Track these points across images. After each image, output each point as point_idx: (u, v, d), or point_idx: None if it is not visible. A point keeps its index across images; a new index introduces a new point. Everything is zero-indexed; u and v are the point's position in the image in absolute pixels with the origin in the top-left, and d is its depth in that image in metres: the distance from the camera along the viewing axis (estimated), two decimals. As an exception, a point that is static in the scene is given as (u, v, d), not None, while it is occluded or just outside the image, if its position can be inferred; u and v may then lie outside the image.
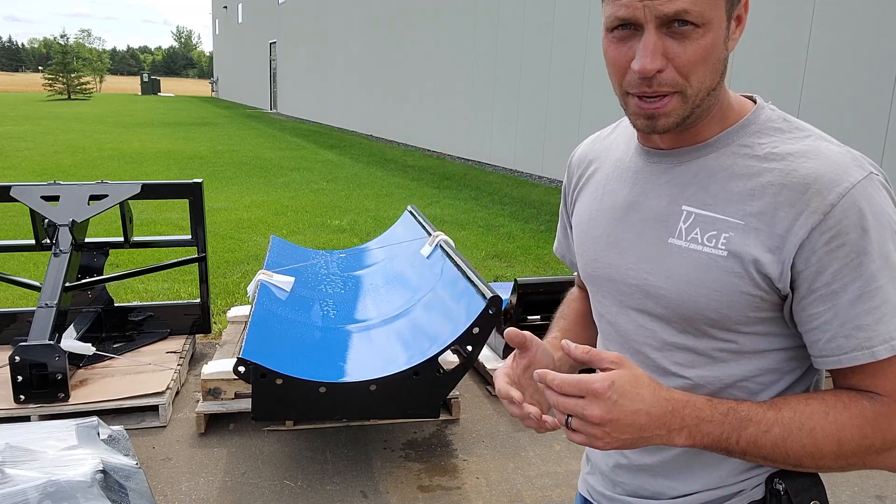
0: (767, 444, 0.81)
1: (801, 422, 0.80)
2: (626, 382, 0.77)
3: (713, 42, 0.80)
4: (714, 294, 0.85)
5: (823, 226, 0.78)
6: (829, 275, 0.79)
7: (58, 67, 38.65)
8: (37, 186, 3.60)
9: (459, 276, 3.11)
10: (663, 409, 0.79)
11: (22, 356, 2.98)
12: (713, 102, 0.86)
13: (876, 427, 0.80)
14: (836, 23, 6.08)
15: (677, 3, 0.77)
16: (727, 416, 0.81)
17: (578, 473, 2.89)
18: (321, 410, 2.66)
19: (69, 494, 1.91)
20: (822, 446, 0.80)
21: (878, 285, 0.78)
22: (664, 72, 0.80)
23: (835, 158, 0.81)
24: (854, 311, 0.79)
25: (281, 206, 8.45)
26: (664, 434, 0.79)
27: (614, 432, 0.77)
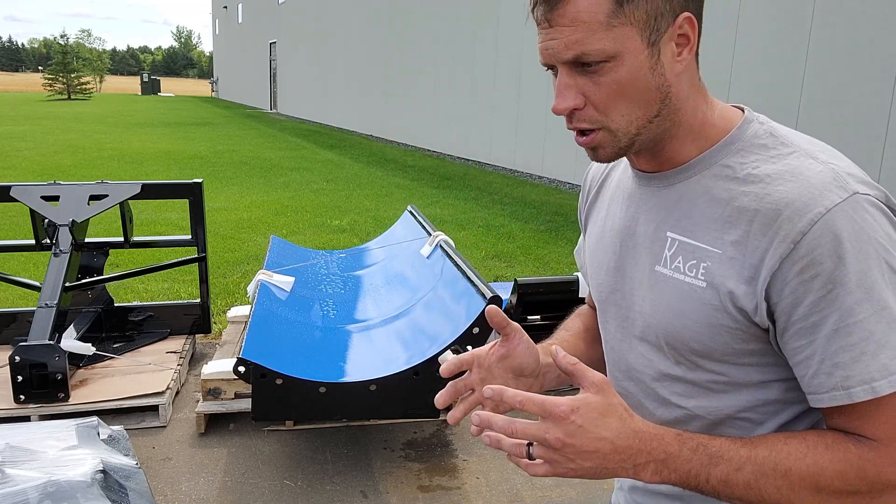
0: (739, 483, 0.75)
1: (775, 462, 0.75)
2: (593, 409, 0.73)
3: (630, 73, 0.77)
4: (696, 326, 0.82)
5: (794, 255, 0.73)
6: (806, 307, 0.74)
7: (58, 67, 38.65)
8: (37, 186, 3.61)
9: (459, 276, 3.11)
10: (629, 442, 0.74)
11: (22, 356, 2.98)
12: (667, 126, 0.82)
13: (860, 474, 0.74)
14: (836, 23, 6.08)
15: (574, 49, 0.76)
16: (696, 452, 0.76)
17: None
18: (321, 410, 2.66)
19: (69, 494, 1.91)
20: (799, 489, 0.75)
21: (856, 319, 0.72)
22: (583, 109, 0.80)
23: (813, 179, 0.75)
24: (832, 347, 0.74)
25: (281, 206, 8.45)
26: (630, 468, 0.75)
27: (578, 458, 0.73)
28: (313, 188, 9.83)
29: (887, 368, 0.72)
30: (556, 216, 8.24)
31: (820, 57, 6.25)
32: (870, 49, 5.78)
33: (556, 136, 10.43)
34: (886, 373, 0.72)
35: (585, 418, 0.73)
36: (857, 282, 0.72)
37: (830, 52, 6.14)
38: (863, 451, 0.74)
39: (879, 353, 0.72)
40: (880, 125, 5.72)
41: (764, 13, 6.88)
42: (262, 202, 8.65)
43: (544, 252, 6.49)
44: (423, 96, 14.84)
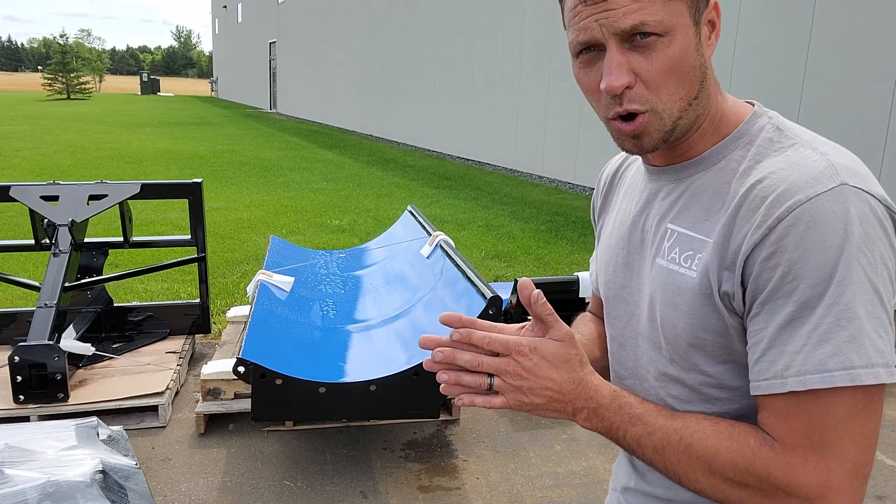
0: (649, 446, 0.80)
1: (681, 436, 0.78)
2: (550, 353, 0.79)
3: (682, 50, 0.76)
4: (689, 318, 0.82)
5: (766, 241, 0.73)
6: (766, 294, 0.73)
7: (57, 67, 38.64)
8: (36, 186, 3.60)
9: (459, 276, 3.11)
10: (571, 387, 0.80)
11: (21, 356, 2.97)
12: (700, 113, 0.81)
13: (750, 469, 0.74)
14: (836, 23, 6.08)
15: (633, 17, 0.74)
16: (621, 410, 0.81)
17: (578, 474, 2.90)
18: (321, 411, 2.65)
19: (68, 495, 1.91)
20: (694, 467, 0.77)
21: (810, 313, 0.71)
22: (634, 88, 0.77)
23: (804, 168, 0.74)
24: (781, 336, 0.73)
25: (281, 206, 8.45)
26: (570, 410, 0.81)
27: (530, 394, 0.79)
28: (313, 188, 9.83)
29: (823, 365, 0.70)
30: (556, 216, 8.24)
31: (820, 57, 6.25)
32: (870, 49, 5.78)
33: (556, 136, 10.43)
34: (821, 368, 0.70)
35: (542, 358, 0.79)
36: (820, 276, 0.70)
37: (830, 52, 6.14)
38: (762, 448, 0.74)
39: (819, 347, 0.70)
40: (880, 125, 5.72)
41: (764, 13, 6.88)
42: (262, 202, 8.64)
43: (544, 252, 6.49)
44: (423, 96, 14.84)
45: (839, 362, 0.70)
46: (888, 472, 2.93)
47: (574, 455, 3.02)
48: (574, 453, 3.03)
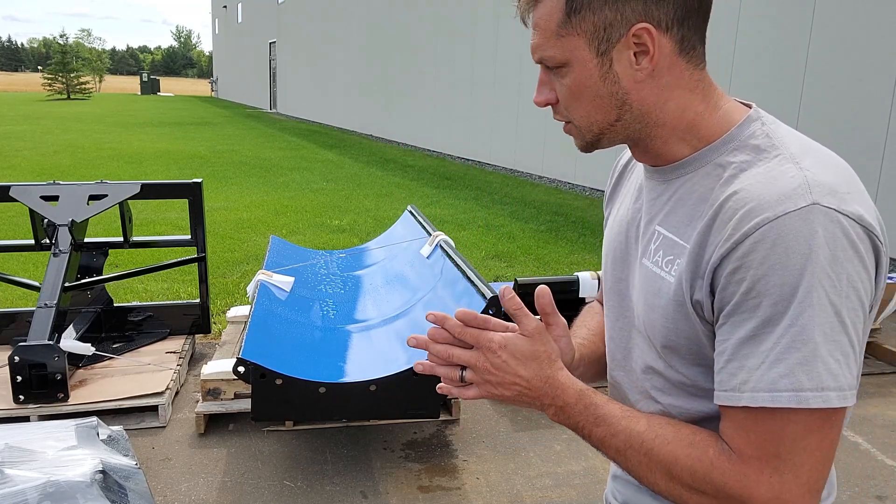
0: (611, 447, 0.83)
1: (643, 440, 0.80)
2: (518, 349, 0.84)
3: (577, 81, 0.83)
4: (664, 321, 0.84)
5: (733, 255, 0.74)
6: (731, 307, 0.75)
7: (57, 67, 38.65)
8: (36, 186, 3.60)
9: (459, 276, 3.11)
10: (539, 384, 0.84)
11: (21, 356, 2.97)
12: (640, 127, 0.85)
13: (707, 478, 0.76)
14: (836, 23, 6.08)
15: (538, 52, 0.84)
16: (586, 410, 0.84)
17: (578, 474, 2.90)
18: (321, 410, 2.65)
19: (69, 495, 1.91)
20: (654, 471, 0.79)
21: (770, 331, 0.72)
22: (556, 104, 0.88)
23: (779, 184, 0.74)
24: (742, 350, 0.74)
25: (281, 206, 8.45)
26: (538, 405, 0.86)
27: (500, 387, 0.85)
28: (313, 188, 9.83)
29: (774, 385, 0.71)
30: (556, 216, 8.24)
31: (820, 57, 6.25)
32: (870, 49, 5.78)
33: (556, 136, 10.43)
34: (772, 388, 0.72)
35: (510, 355, 0.84)
36: (780, 295, 0.71)
37: (830, 52, 6.14)
38: (720, 459, 0.76)
39: (774, 367, 0.72)
40: (880, 125, 5.72)
41: (764, 13, 6.88)
42: (262, 202, 8.64)
43: (544, 252, 6.49)
44: (423, 96, 14.84)
45: (789, 384, 0.71)
46: (888, 471, 2.93)
47: (574, 455, 3.02)
48: (574, 453, 3.03)
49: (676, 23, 0.80)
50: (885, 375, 3.91)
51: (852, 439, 3.19)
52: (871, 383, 3.80)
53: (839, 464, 2.98)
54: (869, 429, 3.29)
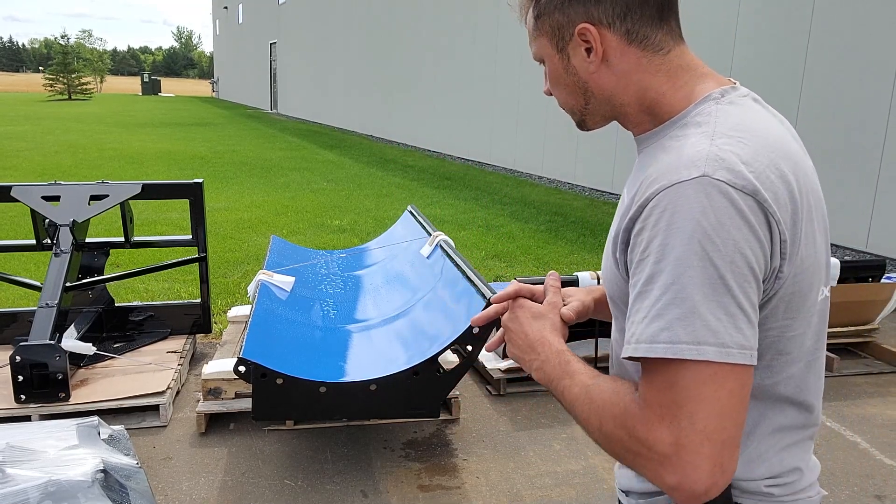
0: (568, 398, 0.91)
1: (589, 390, 0.88)
2: (529, 310, 1.03)
3: (552, 73, 0.99)
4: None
5: (638, 218, 0.83)
6: (633, 266, 0.84)
7: (58, 68, 38.66)
8: (37, 186, 3.61)
9: (459, 275, 3.11)
10: (534, 344, 0.99)
11: (23, 356, 2.98)
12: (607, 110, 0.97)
13: (622, 421, 0.82)
14: (835, 23, 6.08)
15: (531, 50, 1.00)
16: (560, 365, 0.94)
17: (577, 473, 2.91)
18: (321, 410, 2.66)
19: (70, 494, 1.92)
20: (592, 417, 0.86)
21: (652, 287, 0.79)
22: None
23: (684, 156, 0.82)
24: (635, 305, 0.82)
25: (281, 206, 8.46)
26: (529, 360, 0.99)
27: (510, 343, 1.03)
28: (313, 188, 9.84)
29: (654, 337, 0.78)
30: (556, 216, 8.24)
31: (820, 57, 6.25)
32: (870, 49, 5.78)
33: (556, 137, 10.43)
34: (652, 340, 0.78)
35: (522, 313, 1.04)
36: (664, 254, 0.78)
37: (830, 52, 6.14)
38: (632, 405, 0.82)
39: (654, 321, 0.78)
40: (880, 125, 5.72)
41: (763, 13, 6.88)
42: (263, 202, 8.65)
43: (544, 252, 6.49)
44: (423, 96, 14.84)
45: (667, 337, 0.77)
46: (887, 471, 2.94)
47: (573, 454, 3.02)
48: (573, 452, 3.04)
49: (618, 19, 0.91)
50: (885, 375, 3.91)
51: (851, 439, 3.20)
52: (871, 383, 3.81)
53: (838, 462, 2.99)
54: (868, 428, 3.29)
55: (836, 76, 6.09)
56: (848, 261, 4.08)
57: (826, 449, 3.10)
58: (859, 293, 3.98)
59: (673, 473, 0.77)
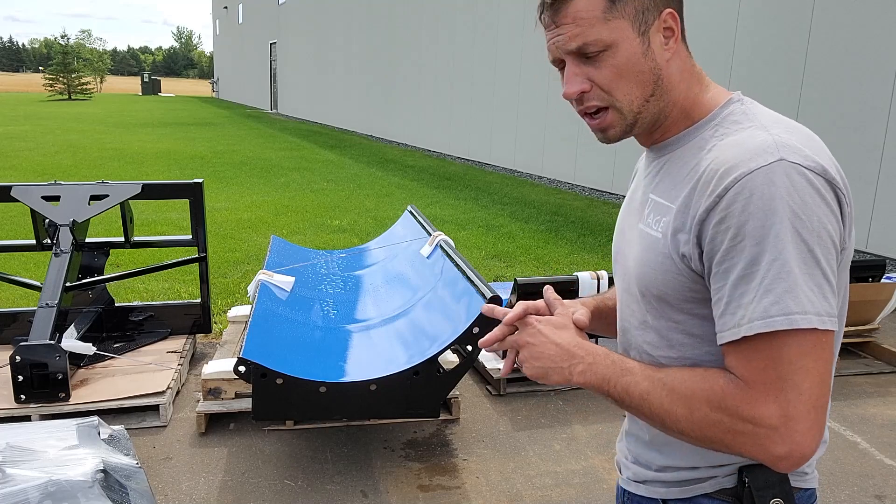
0: (636, 393, 0.91)
1: (665, 382, 0.89)
2: (552, 321, 1.00)
3: (626, 59, 0.92)
4: (654, 273, 0.95)
5: (717, 208, 0.85)
6: (721, 254, 0.85)
7: (58, 68, 38.65)
8: (37, 186, 3.61)
9: (459, 275, 3.11)
10: (572, 349, 0.96)
11: (23, 356, 2.98)
12: (663, 106, 0.96)
13: (721, 404, 0.85)
14: (835, 23, 6.08)
15: (576, 41, 0.92)
16: (614, 364, 0.93)
17: (577, 473, 2.91)
18: (321, 410, 2.66)
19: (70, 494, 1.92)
20: (676, 406, 0.88)
21: (756, 269, 0.82)
22: (590, 92, 0.95)
23: (752, 146, 0.86)
24: (737, 291, 0.84)
25: (281, 206, 8.46)
26: (567, 367, 0.96)
27: (534, 358, 0.98)
28: (313, 188, 9.84)
29: (766, 312, 0.82)
30: (556, 216, 8.24)
31: (820, 57, 6.25)
32: (870, 49, 5.78)
33: (556, 137, 10.43)
34: (765, 315, 0.82)
35: (543, 327, 0.99)
36: (762, 235, 0.82)
37: (830, 52, 6.14)
38: (730, 386, 0.85)
39: (764, 298, 0.82)
40: (880, 125, 5.72)
41: (763, 13, 6.88)
42: (263, 202, 8.65)
43: (544, 252, 6.49)
44: (423, 96, 14.84)
45: (780, 309, 0.81)
46: (887, 471, 2.94)
47: (573, 454, 3.02)
48: (573, 452, 3.04)
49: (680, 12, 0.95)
50: (885, 375, 3.91)
51: (851, 439, 3.20)
52: (871, 383, 3.81)
53: (838, 462, 2.99)
54: (868, 428, 3.29)
55: (836, 76, 6.09)
56: (848, 261, 4.07)
57: (826, 449, 3.10)
58: (859, 293, 3.98)
59: (782, 444, 0.82)
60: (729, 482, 0.97)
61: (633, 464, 1.10)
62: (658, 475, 1.04)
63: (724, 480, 0.97)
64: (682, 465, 1.00)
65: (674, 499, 1.02)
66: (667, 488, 1.02)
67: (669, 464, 1.02)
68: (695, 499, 0.99)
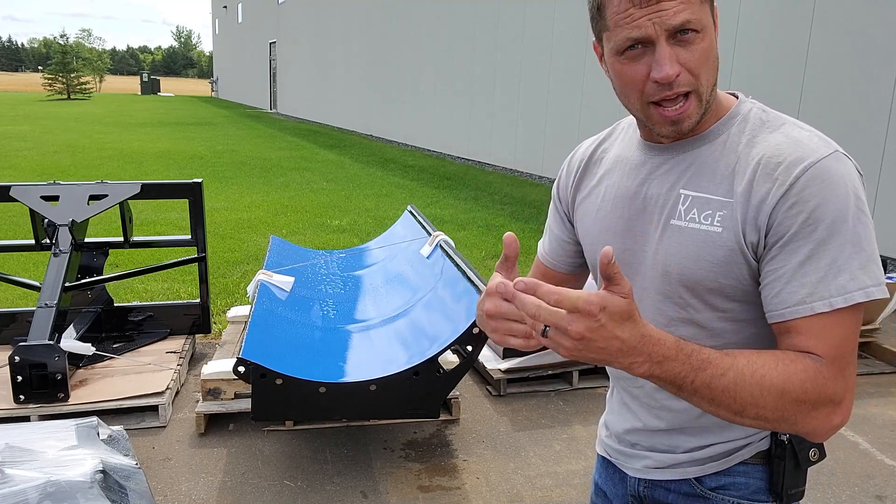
0: (719, 387, 0.85)
1: (752, 370, 0.86)
2: (617, 310, 0.79)
3: (711, 43, 0.93)
4: (713, 266, 0.95)
5: (788, 194, 0.88)
6: (788, 237, 0.89)
7: (57, 67, 38.62)
8: (36, 186, 3.60)
9: (459, 276, 3.11)
10: (636, 343, 0.81)
11: (22, 356, 2.98)
12: (714, 97, 0.97)
13: (815, 383, 0.86)
14: (836, 23, 6.08)
15: (682, 15, 0.88)
16: (689, 358, 0.85)
17: (577, 473, 2.90)
18: (321, 410, 2.66)
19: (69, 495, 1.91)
20: (767, 394, 0.86)
21: (827, 249, 0.86)
22: (680, 76, 0.91)
23: (804, 141, 0.92)
24: (802, 270, 0.88)
25: (281, 206, 8.45)
26: (626, 362, 0.82)
27: (586, 350, 0.79)
28: (313, 188, 9.83)
29: (844, 288, 0.86)
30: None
31: (820, 57, 6.25)
32: (870, 49, 5.78)
33: (556, 136, 10.43)
34: (843, 291, 0.86)
35: (609, 318, 0.78)
36: (833, 218, 0.86)
37: (830, 52, 6.14)
38: (815, 365, 0.87)
39: (839, 275, 0.86)
40: (880, 125, 5.72)
41: (764, 13, 6.88)
42: (262, 202, 8.65)
43: (544, 252, 6.48)
44: (423, 96, 14.84)
45: (856, 285, 0.86)
46: (888, 471, 2.93)
47: (574, 455, 3.02)
48: (574, 453, 3.03)
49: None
50: (885, 375, 3.91)
51: (852, 439, 3.19)
52: (871, 383, 3.81)
53: (839, 462, 2.98)
54: (869, 429, 3.29)
55: (836, 76, 6.09)
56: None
57: (827, 449, 3.10)
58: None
59: (839, 416, 0.88)
60: (764, 444, 1.01)
61: (650, 451, 1.10)
62: (689, 456, 1.05)
63: (759, 444, 1.01)
64: (717, 441, 1.03)
65: (710, 473, 1.04)
66: (700, 466, 1.04)
67: (701, 443, 1.04)
68: (732, 468, 1.02)
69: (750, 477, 1.02)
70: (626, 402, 1.14)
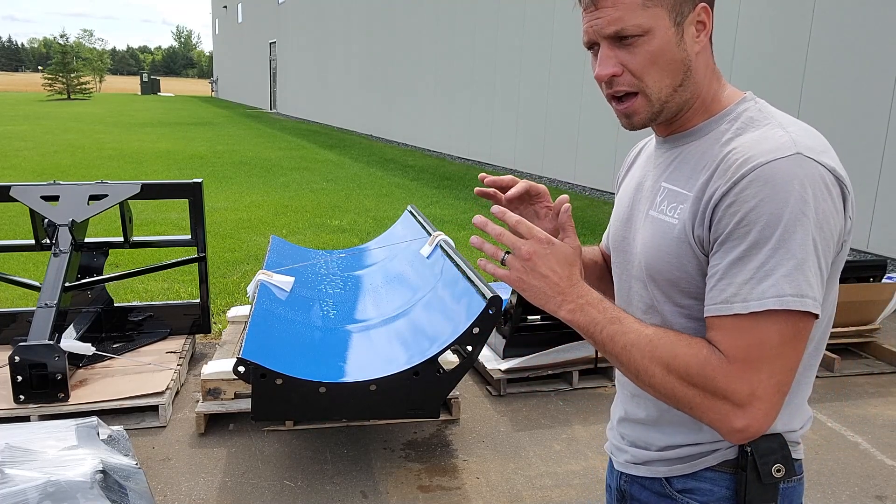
0: (619, 343, 0.94)
1: (650, 339, 0.92)
2: (560, 251, 0.98)
3: (660, 47, 0.94)
4: (668, 258, 0.98)
5: (730, 192, 0.89)
6: (724, 235, 0.90)
7: (57, 67, 38.63)
8: (36, 186, 3.60)
9: (459, 275, 3.11)
10: (564, 284, 0.97)
11: (22, 356, 2.98)
12: (688, 97, 0.99)
13: (700, 371, 0.89)
14: (836, 23, 6.08)
15: (614, 25, 0.94)
16: (606, 310, 0.96)
17: (577, 474, 2.90)
18: (321, 410, 2.65)
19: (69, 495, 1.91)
20: (655, 364, 0.91)
21: (758, 252, 0.86)
22: (620, 76, 0.97)
23: (771, 141, 0.90)
24: (732, 269, 0.88)
25: (281, 205, 8.45)
26: (557, 300, 0.97)
27: (530, 276, 0.97)
28: (313, 188, 9.83)
29: (764, 293, 0.86)
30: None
31: (820, 57, 6.25)
32: (870, 49, 5.77)
33: (556, 137, 10.43)
34: (762, 296, 0.86)
35: (552, 252, 0.98)
36: (768, 221, 0.86)
37: (830, 52, 6.14)
38: (711, 357, 0.89)
39: (764, 280, 0.86)
40: (880, 125, 5.72)
41: (764, 13, 6.88)
42: (262, 202, 8.64)
43: (544, 252, 6.48)
44: (423, 96, 14.84)
45: (775, 292, 0.86)
46: (888, 471, 2.93)
47: (573, 455, 3.02)
48: (574, 453, 3.03)
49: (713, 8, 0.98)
50: (885, 375, 3.91)
51: (852, 439, 3.19)
52: (871, 383, 3.80)
53: (839, 463, 2.98)
54: (869, 429, 3.29)
55: (836, 77, 6.09)
56: (849, 261, 4.07)
57: (827, 449, 3.10)
58: (860, 293, 3.98)
59: (742, 419, 0.88)
60: (731, 453, 1.00)
61: (631, 447, 1.13)
62: (660, 454, 1.06)
63: (726, 452, 1.00)
64: (685, 443, 1.03)
65: (677, 476, 1.04)
66: (669, 466, 1.05)
67: (671, 443, 1.05)
68: (699, 473, 1.02)
69: (715, 484, 1.01)
70: (619, 390, 1.19)
